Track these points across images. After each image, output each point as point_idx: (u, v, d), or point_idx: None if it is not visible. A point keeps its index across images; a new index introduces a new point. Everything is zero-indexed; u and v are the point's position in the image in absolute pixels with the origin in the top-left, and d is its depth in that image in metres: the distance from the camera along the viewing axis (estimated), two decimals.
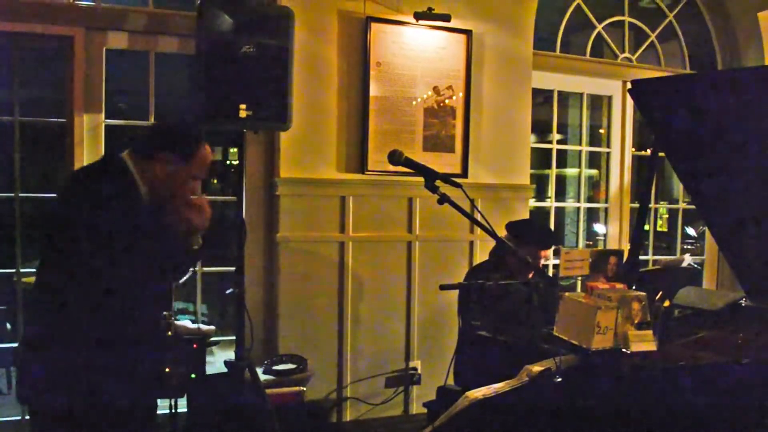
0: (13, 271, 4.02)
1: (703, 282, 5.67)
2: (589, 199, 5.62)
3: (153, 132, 2.52)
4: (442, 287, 2.92)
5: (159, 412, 3.66)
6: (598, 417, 2.19)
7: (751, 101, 2.54)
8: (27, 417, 4.01)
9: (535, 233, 3.74)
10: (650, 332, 2.31)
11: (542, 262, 3.60)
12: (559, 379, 2.13)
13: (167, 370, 3.42)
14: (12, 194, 3.93)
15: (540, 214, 5.42)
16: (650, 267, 4.95)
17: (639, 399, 2.20)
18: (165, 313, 3.51)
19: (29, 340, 2.34)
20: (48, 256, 2.33)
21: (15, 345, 3.99)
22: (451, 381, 3.01)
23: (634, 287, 2.67)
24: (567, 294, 2.42)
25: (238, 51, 3.33)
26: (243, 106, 3.36)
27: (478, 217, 2.56)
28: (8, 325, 4.92)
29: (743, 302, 3.19)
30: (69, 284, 2.22)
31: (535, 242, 3.56)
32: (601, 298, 2.33)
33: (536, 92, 4.89)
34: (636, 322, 2.31)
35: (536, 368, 2.15)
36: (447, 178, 2.50)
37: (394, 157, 2.58)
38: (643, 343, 2.28)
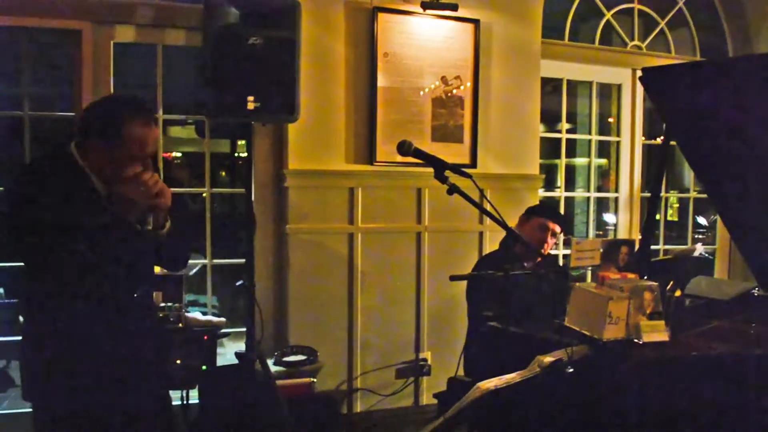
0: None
1: (714, 271, 5.64)
2: (599, 189, 5.59)
3: (79, 121, 2.39)
4: (452, 278, 2.93)
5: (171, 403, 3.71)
6: (610, 407, 2.18)
7: (763, 88, 2.51)
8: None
9: (542, 205, 3.79)
10: (662, 322, 2.30)
11: (551, 239, 3.59)
12: (571, 370, 2.13)
13: (178, 361, 3.44)
14: None
15: (550, 203, 5.39)
16: (661, 256, 4.93)
17: (650, 389, 2.19)
18: (175, 304, 3.54)
19: (24, 335, 2.34)
20: (19, 254, 2.32)
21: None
22: (461, 372, 3.01)
23: (645, 277, 2.66)
24: (578, 284, 2.41)
25: (245, 43, 3.31)
26: (250, 98, 3.34)
27: (488, 208, 2.55)
28: (21, 318, 4.94)
29: (755, 292, 3.17)
30: (41, 280, 2.22)
31: (541, 212, 3.61)
32: (613, 288, 2.32)
33: (545, 81, 4.85)
34: (648, 312, 2.30)
35: (547, 359, 2.15)
36: (456, 168, 2.49)
37: (404, 148, 2.57)
38: (655, 333, 2.28)
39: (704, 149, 2.90)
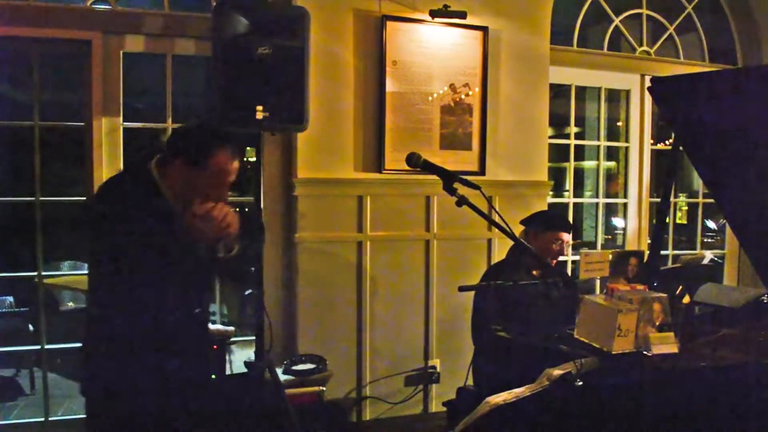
0: (35, 273, 4.06)
1: (723, 276, 5.62)
2: (607, 192, 5.56)
3: (171, 137, 2.48)
4: (461, 288, 2.93)
5: None
6: (620, 420, 2.18)
7: None
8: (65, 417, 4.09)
9: (551, 218, 3.78)
10: (672, 334, 2.29)
11: (565, 246, 3.60)
12: (580, 383, 2.12)
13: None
14: (32, 198, 3.98)
15: (558, 209, 5.38)
16: (670, 265, 4.91)
17: (661, 401, 2.19)
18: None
19: (84, 338, 2.41)
20: (90, 264, 2.40)
21: (38, 347, 4.06)
22: (470, 381, 3.01)
23: (655, 284, 2.65)
24: (587, 296, 2.41)
25: (254, 52, 3.33)
26: (259, 108, 3.36)
27: (496, 218, 2.55)
28: (31, 327, 4.97)
29: (765, 299, 3.15)
30: (107, 292, 2.29)
31: (554, 226, 3.59)
32: (622, 300, 2.31)
33: (552, 85, 4.83)
34: (657, 323, 2.30)
35: (557, 372, 2.15)
36: (465, 180, 2.49)
37: (412, 161, 2.58)
38: (665, 345, 2.27)
39: (712, 158, 2.89)
